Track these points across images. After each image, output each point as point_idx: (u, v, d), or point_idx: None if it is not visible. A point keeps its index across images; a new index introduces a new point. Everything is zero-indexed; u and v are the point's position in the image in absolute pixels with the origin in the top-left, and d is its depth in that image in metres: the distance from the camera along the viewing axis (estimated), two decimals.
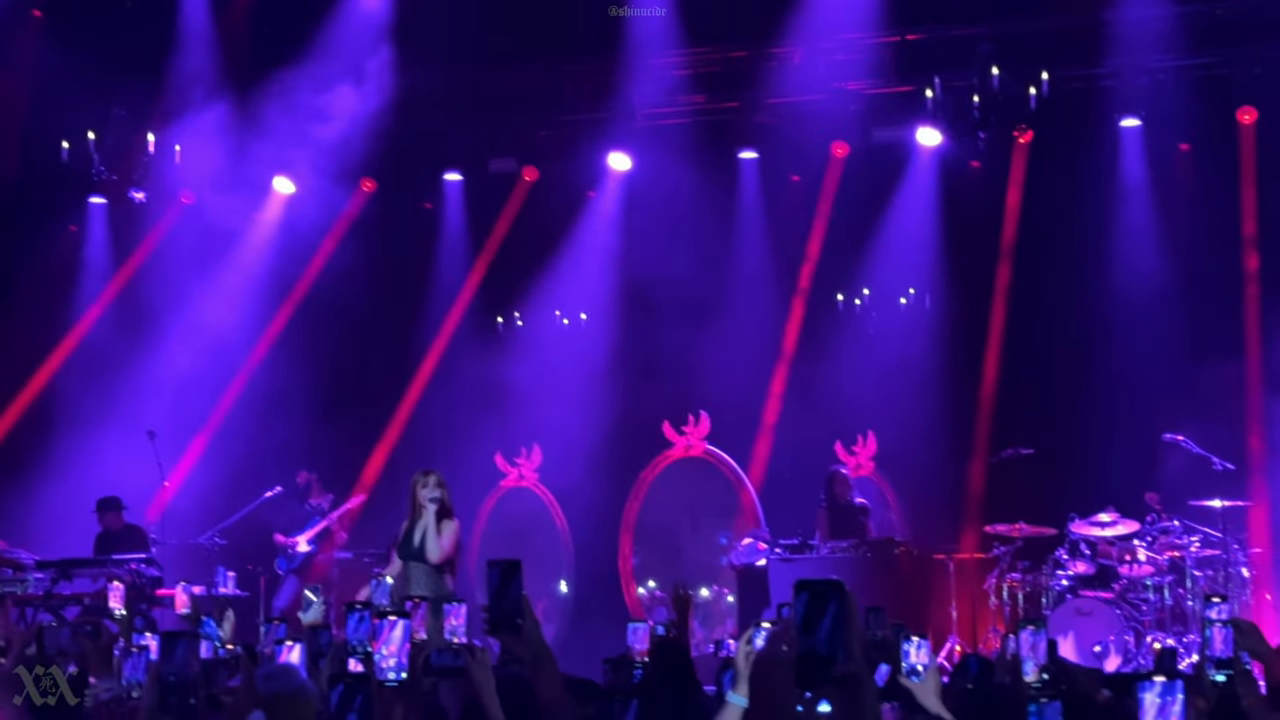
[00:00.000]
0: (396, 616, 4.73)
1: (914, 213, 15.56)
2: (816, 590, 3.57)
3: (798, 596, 3.57)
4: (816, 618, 3.55)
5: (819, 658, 3.53)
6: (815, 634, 3.54)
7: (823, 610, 3.54)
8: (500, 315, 16.69)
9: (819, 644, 3.54)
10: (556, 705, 4.99)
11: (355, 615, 5.04)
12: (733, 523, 15.64)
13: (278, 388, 15.61)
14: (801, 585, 3.59)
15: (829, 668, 3.54)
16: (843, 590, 3.57)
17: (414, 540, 10.26)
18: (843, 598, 3.55)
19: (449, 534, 10.21)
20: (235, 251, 16.02)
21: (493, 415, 15.93)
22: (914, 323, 15.55)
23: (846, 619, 3.55)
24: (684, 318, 15.56)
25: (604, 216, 16.17)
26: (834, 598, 3.55)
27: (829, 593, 3.56)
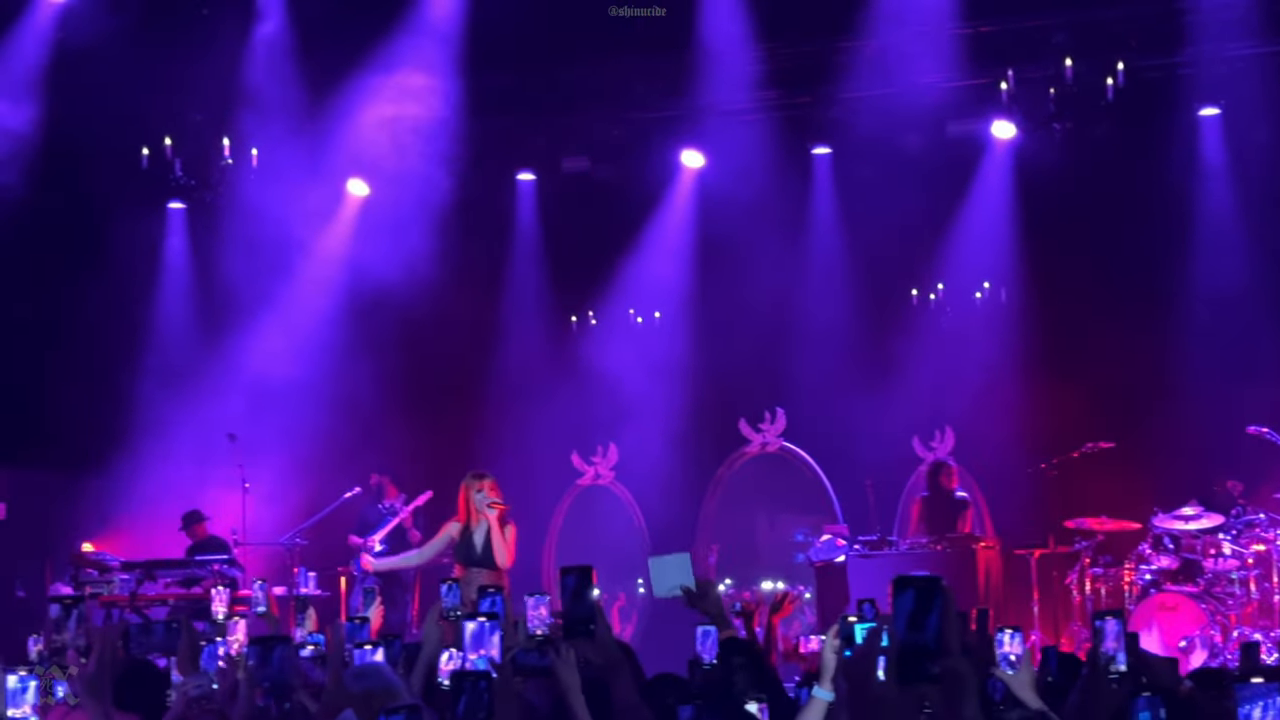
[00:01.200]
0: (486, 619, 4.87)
1: (989, 207, 15.51)
2: (921, 586, 3.64)
3: (901, 593, 3.63)
4: (923, 613, 3.60)
5: (924, 653, 3.58)
6: (922, 630, 3.59)
7: (929, 606, 3.60)
8: (574, 314, 16.78)
9: (925, 639, 3.59)
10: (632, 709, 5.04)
11: None
12: (810, 519, 15.72)
13: (354, 388, 15.70)
14: (905, 581, 3.66)
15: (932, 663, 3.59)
16: (944, 587, 3.64)
17: (475, 546, 10.27)
18: (945, 594, 3.63)
19: (512, 539, 10.29)
20: (310, 254, 16.15)
21: (568, 414, 16.03)
22: (990, 317, 15.50)
23: (948, 614, 3.62)
24: (758, 315, 15.61)
25: (677, 213, 16.22)
26: (939, 594, 3.62)
27: (933, 589, 3.63)
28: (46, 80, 14.31)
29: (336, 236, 16.21)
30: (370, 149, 15.22)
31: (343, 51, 14.78)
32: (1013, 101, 14.56)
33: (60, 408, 14.97)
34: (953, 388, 14.86)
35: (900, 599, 3.64)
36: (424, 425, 15.99)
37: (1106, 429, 13.92)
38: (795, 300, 15.83)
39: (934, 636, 3.60)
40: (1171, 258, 14.68)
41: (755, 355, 15.62)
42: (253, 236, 15.42)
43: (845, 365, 15.58)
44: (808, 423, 15.89)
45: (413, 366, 16.07)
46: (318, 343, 16.03)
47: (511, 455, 15.63)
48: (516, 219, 16.64)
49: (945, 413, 15.12)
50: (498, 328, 16.61)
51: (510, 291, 16.66)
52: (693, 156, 15.91)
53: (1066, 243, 15.09)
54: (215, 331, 16.00)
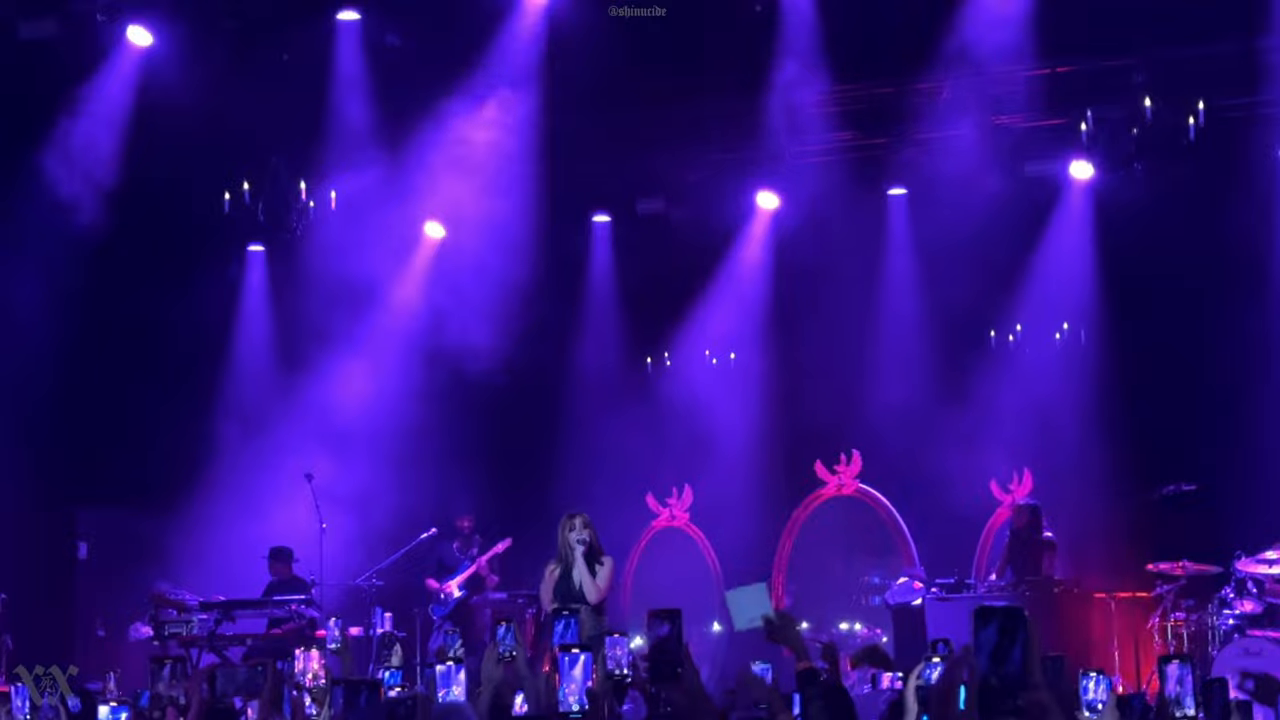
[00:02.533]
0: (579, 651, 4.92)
1: (1067, 247, 15.53)
2: (1005, 617, 3.64)
3: (984, 625, 3.64)
4: (1008, 646, 3.60)
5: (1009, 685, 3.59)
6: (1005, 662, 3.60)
7: (1014, 639, 3.60)
8: (649, 356, 16.97)
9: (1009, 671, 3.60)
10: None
11: None
12: (886, 562, 15.69)
13: (430, 430, 15.83)
14: (987, 613, 3.67)
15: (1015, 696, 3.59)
16: (1027, 619, 3.65)
17: (574, 583, 10.48)
18: (1029, 625, 3.63)
19: (604, 574, 10.47)
20: (388, 296, 16.33)
21: (643, 456, 16.14)
22: (1069, 358, 15.51)
23: (1032, 646, 3.61)
24: (834, 356, 15.69)
25: (752, 255, 16.38)
26: (1023, 626, 3.62)
27: (1017, 620, 3.63)
28: (131, 123, 14.58)
29: (413, 279, 16.43)
30: (447, 191, 15.42)
31: (421, 94, 14.99)
32: (1091, 141, 14.55)
33: (142, 448, 15.22)
34: (1031, 429, 14.84)
35: (984, 632, 3.65)
36: (499, 468, 16.16)
37: (1188, 471, 13.86)
38: (871, 341, 15.95)
39: (1017, 668, 3.59)
40: (1251, 298, 14.63)
41: (831, 396, 15.67)
42: (331, 279, 15.64)
43: (922, 407, 15.59)
44: (884, 465, 15.92)
45: (489, 409, 16.23)
46: (394, 384, 16.20)
47: (587, 497, 15.39)
48: (592, 261, 16.91)
49: (1023, 455, 15.06)
50: (573, 370, 16.82)
51: (586, 333, 16.91)
52: (768, 198, 16.10)
53: (1146, 283, 15.06)
54: (294, 373, 16.23)
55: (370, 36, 14.80)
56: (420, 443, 15.82)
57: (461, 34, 14.68)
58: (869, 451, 16.03)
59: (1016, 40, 14.33)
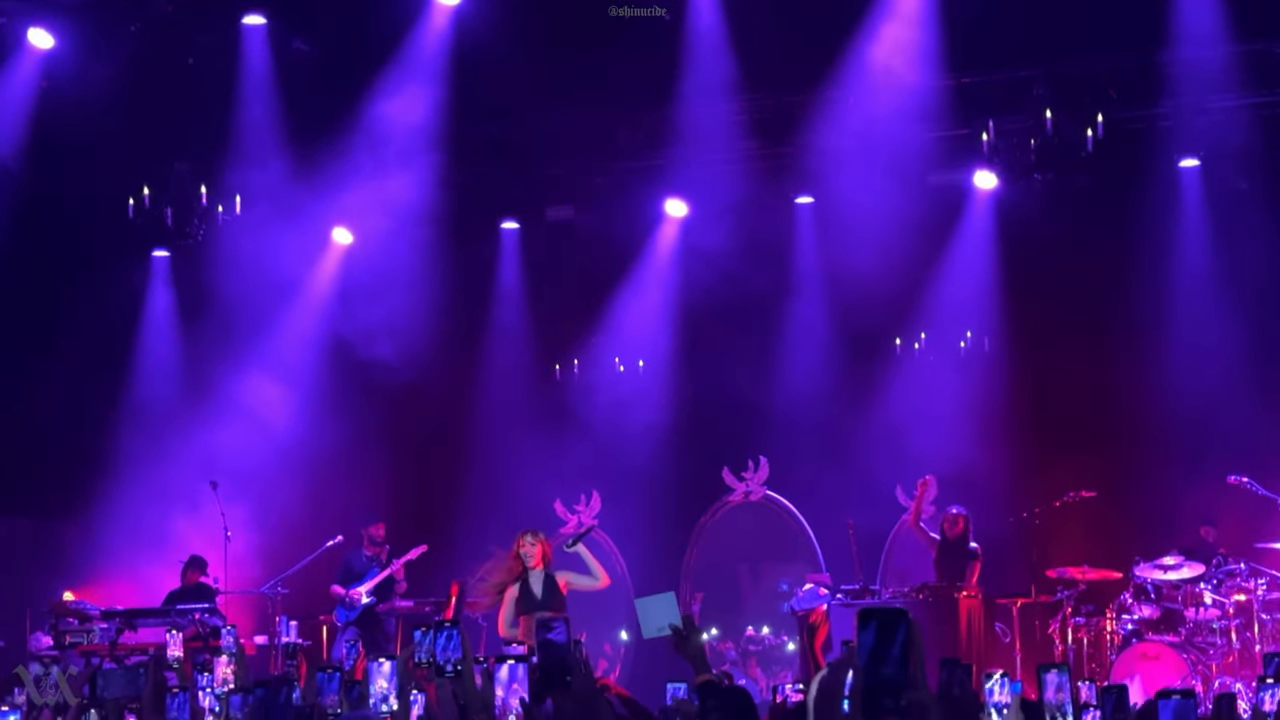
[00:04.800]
0: None
1: (971, 256, 15.73)
2: (885, 619, 3.63)
3: (865, 626, 3.64)
4: (885, 646, 3.60)
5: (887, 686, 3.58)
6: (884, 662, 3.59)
7: (891, 638, 3.59)
8: (558, 363, 16.96)
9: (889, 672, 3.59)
10: None
11: None
12: (794, 568, 15.81)
13: (338, 436, 15.83)
14: (868, 614, 3.66)
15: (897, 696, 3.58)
16: (909, 618, 3.63)
17: (535, 594, 11.28)
18: (909, 625, 3.61)
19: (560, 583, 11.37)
20: (294, 303, 16.27)
21: (551, 463, 16.13)
22: (973, 366, 15.70)
23: (913, 647, 3.61)
24: (742, 363, 15.73)
25: (660, 262, 16.43)
26: (902, 626, 3.61)
27: (897, 621, 3.61)
28: (32, 127, 14.47)
29: (321, 285, 16.39)
30: (356, 197, 15.41)
31: (328, 99, 14.96)
32: (994, 152, 14.78)
33: (42, 456, 15.10)
34: (935, 436, 14.91)
35: (864, 633, 3.64)
36: (407, 474, 16.14)
37: (1088, 478, 14.08)
38: (779, 348, 16.05)
39: (897, 669, 3.58)
40: (1151, 307, 14.89)
41: (739, 403, 15.77)
42: (237, 285, 15.58)
43: (829, 414, 15.73)
44: (791, 471, 16.02)
45: (396, 415, 16.23)
46: (301, 391, 16.19)
47: (495, 504, 15.75)
48: (501, 267, 16.82)
49: (928, 461, 15.02)
50: (482, 376, 16.75)
51: (494, 339, 16.81)
52: (676, 205, 16.17)
53: (1048, 292, 15.25)
54: (199, 379, 16.14)
55: (277, 41, 14.79)
56: (327, 450, 15.80)
57: (370, 39, 14.69)
58: (777, 458, 16.14)
59: (921, 51, 14.53)
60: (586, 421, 16.21)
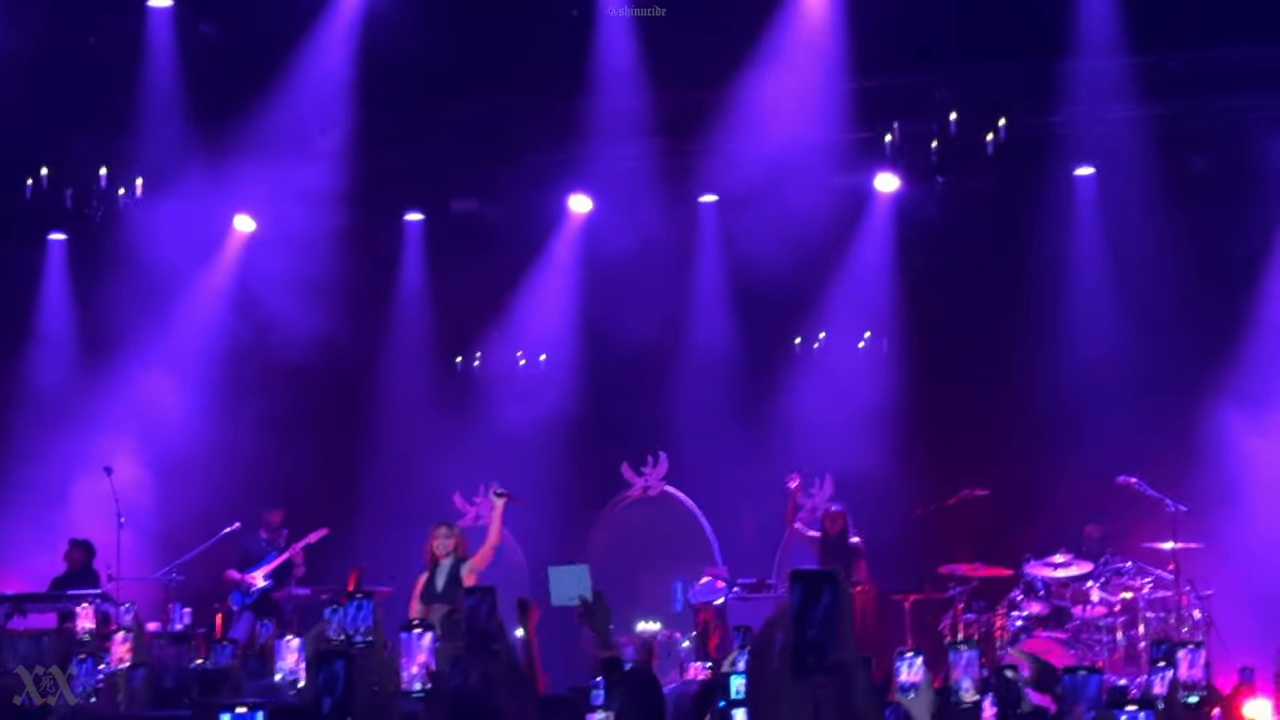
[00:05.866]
0: None
1: (872, 257, 15.95)
2: (811, 580, 3.79)
3: (792, 587, 3.80)
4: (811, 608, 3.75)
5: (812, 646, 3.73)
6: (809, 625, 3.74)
7: (817, 599, 3.75)
8: (460, 355, 16.96)
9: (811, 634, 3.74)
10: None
11: None
12: (691, 564, 15.79)
13: (236, 424, 15.77)
14: (796, 575, 3.82)
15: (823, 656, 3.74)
16: (836, 580, 3.79)
17: (437, 585, 11.56)
18: (836, 588, 3.77)
19: (467, 574, 11.59)
20: (195, 289, 16.20)
21: (452, 455, 16.11)
22: (872, 365, 15.90)
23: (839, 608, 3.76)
24: (643, 359, 15.85)
25: (564, 257, 16.49)
26: (828, 587, 3.77)
27: (823, 582, 3.78)
28: None
29: (221, 272, 16.33)
30: (258, 183, 15.30)
31: (233, 84, 14.90)
32: (896, 154, 15.04)
33: None
34: (833, 434, 15.09)
35: (792, 593, 3.78)
36: (306, 464, 15.96)
37: (980, 477, 14.38)
38: (680, 346, 16.19)
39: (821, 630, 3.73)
40: (1045, 310, 15.15)
41: (639, 399, 15.91)
42: (135, 270, 15.50)
43: (729, 410, 15.88)
44: (690, 467, 16.19)
45: (296, 404, 16.07)
46: (200, 377, 16.12)
47: (395, 494, 15.82)
48: (404, 258, 16.83)
49: (825, 459, 15.35)
50: (383, 367, 16.77)
51: (397, 331, 16.83)
52: (581, 201, 16.27)
53: (946, 294, 15.53)
54: (96, 363, 16.03)
55: (183, 24, 14.78)
56: (226, 437, 15.74)
57: (276, 25, 14.66)
58: (676, 454, 16.28)
59: (827, 54, 14.72)
60: (487, 414, 16.23)
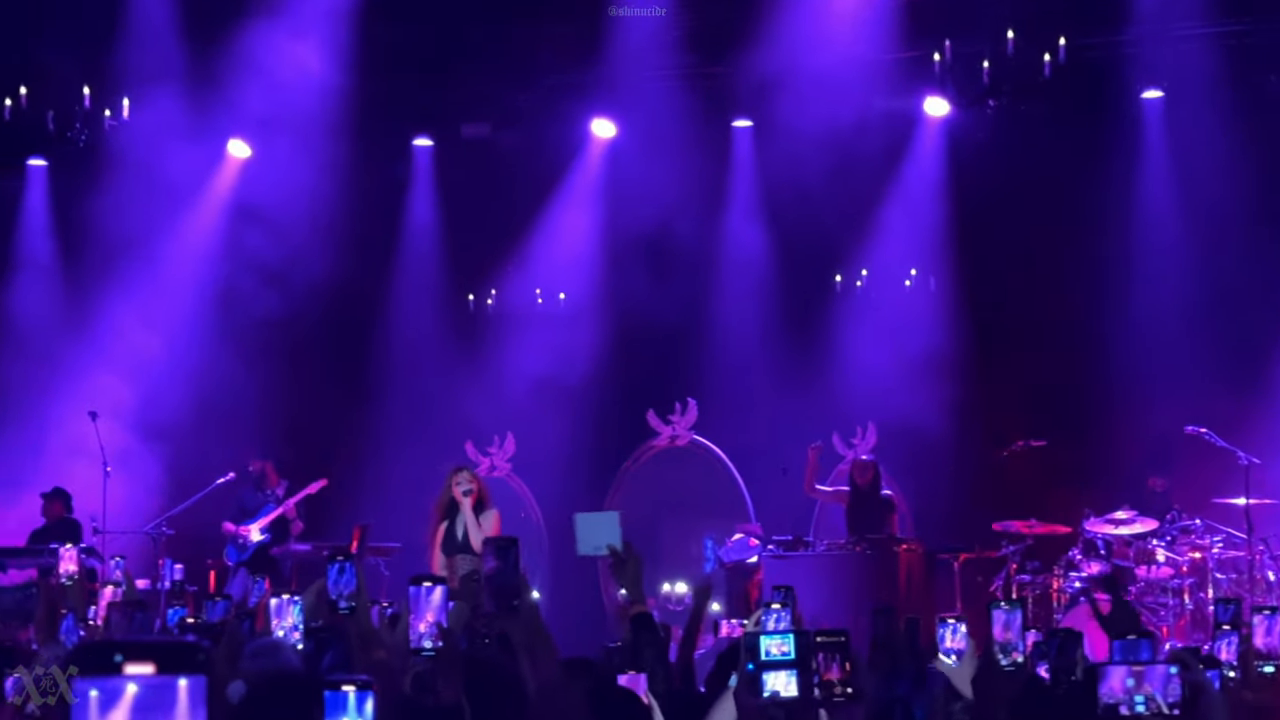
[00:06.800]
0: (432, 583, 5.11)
1: (919, 188, 15.56)
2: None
3: None
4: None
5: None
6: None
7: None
8: (472, 293, 16.70)
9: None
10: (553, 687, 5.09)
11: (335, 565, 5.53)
12: (721, 520, 15.61)
13: (232, 367, 15.46)
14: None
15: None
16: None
17: (457, 535, 11.29)
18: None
19: (489, 523, 11.24)
20: (186, 220, 15.89)
21: (463, 400, 15.95)
22: (918, 306, 15.55)
23: None
24: (670, 298, 15.58)
25: (586, 187, 16.18)
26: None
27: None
28: None
29: (215, 202, 15.99)
30: (254, 106, 14.94)
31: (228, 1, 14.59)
32: (947, 76, 14.54)
33: None
34: (877, 381, 14.82)
35: None
36: (308, 410, 15.82)
37: (1038, 426, 13.97)
38: (711, 283, 15.90)
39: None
40: (1108, 247, 14.74)
41: (667, 342, 15.69)
42: (121, 198, 15.13)
43: (763, 354, 15.65)
44: (722, 415, 15.88)
45: (296, 346, 15.87)
46: (192, 316, 15.84)
47: (403, 444, 15.52)
48: (412, 188, 16.54)
49: (868, 407, 15.10)
50: (389, 306, 16.50)
51: (403, 267, 16.55)
52: (604, 126, 15.88)
53: (1000, 228, 15.11)
54: (78, 300, 15.74)
55: None
56: (221, 380, 15.48)
57: None
58: (706, 400, 16.00)
59: None
60: (502, 356, 16.01)
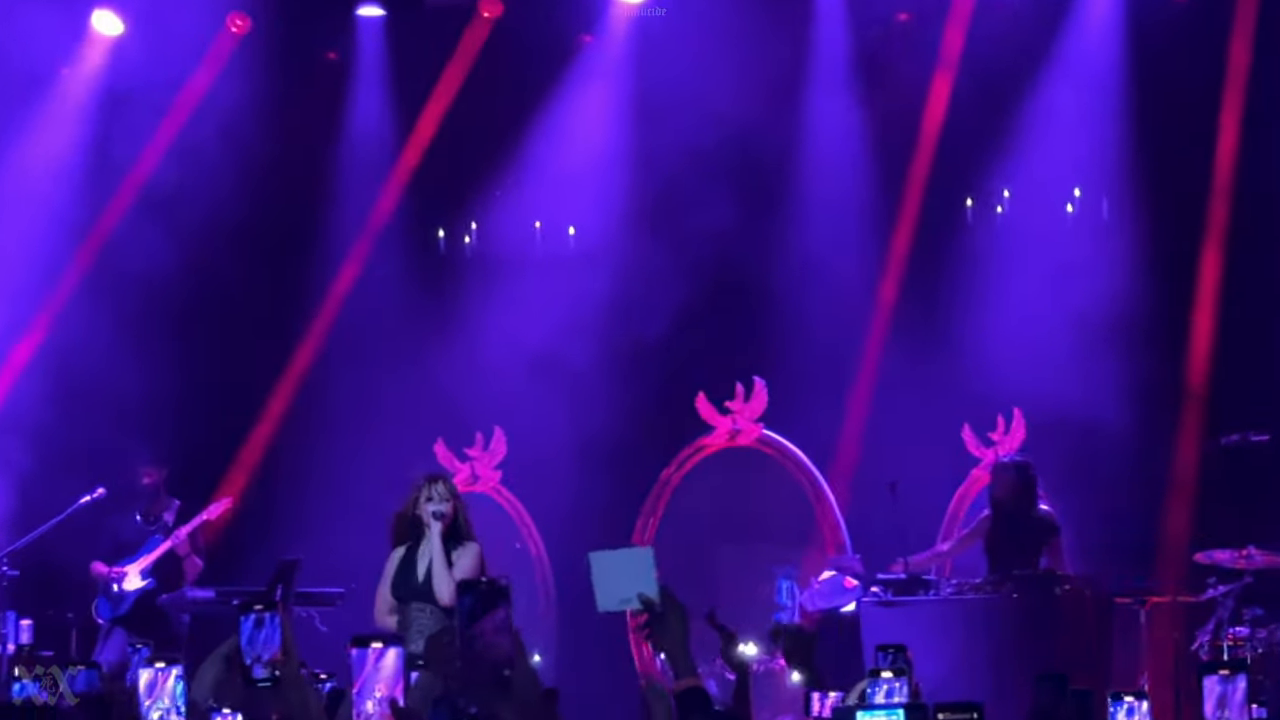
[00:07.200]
0: None
1: (1084, 77, 15.82)
2: None
3: None
4: None
5: None
6: None
7: None
8: (443, 229, 16.93)
9: None
10: None
11: None
12: (799, 549, 15.88)
13: (104, 332, 15.61)
14: None
15: None
16: None
17: (417, 572, 11.30)
18: None
19: (467, 563, 11.27)
20: (32, 126, 16.16)
21: (429, 382, 16.16)
22: (1084, 241, 15.68)
23: None
24: (730, 234, 15.80)
25: (605, 77, 16.47)
26: None
27: None
28: None
29: (73, 100, 16.26)
30: None
31: None
32: None
33: None
34: (1025, 347, 14.98)
35: None
36: (209, 398, 16.12)
37: (1259, 415, 14.09)
38: (787, 213, 16.04)
39: None
40: None
41: (721, 296, 15.97)
42: None
43: (858, 314, 15.93)
44: (801, 401, 15.98)
45: (193, 300, 16.14)
46: (46, 264, 16.08)
47: (346, 447, 15.85)
48: (355, 78, 16.78)
49: (1012, 389, 15.24)
50: (326, 249, 16.76)
51: (345, 193, 16.79)
52: None
53: (1197, 133, 15.38)
54: None
55: None
56: (86, 350, 15.57)
57: None
58: (778, 380, 16.14)
59: None
60: (486, 320, 16.20)
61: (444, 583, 11.10)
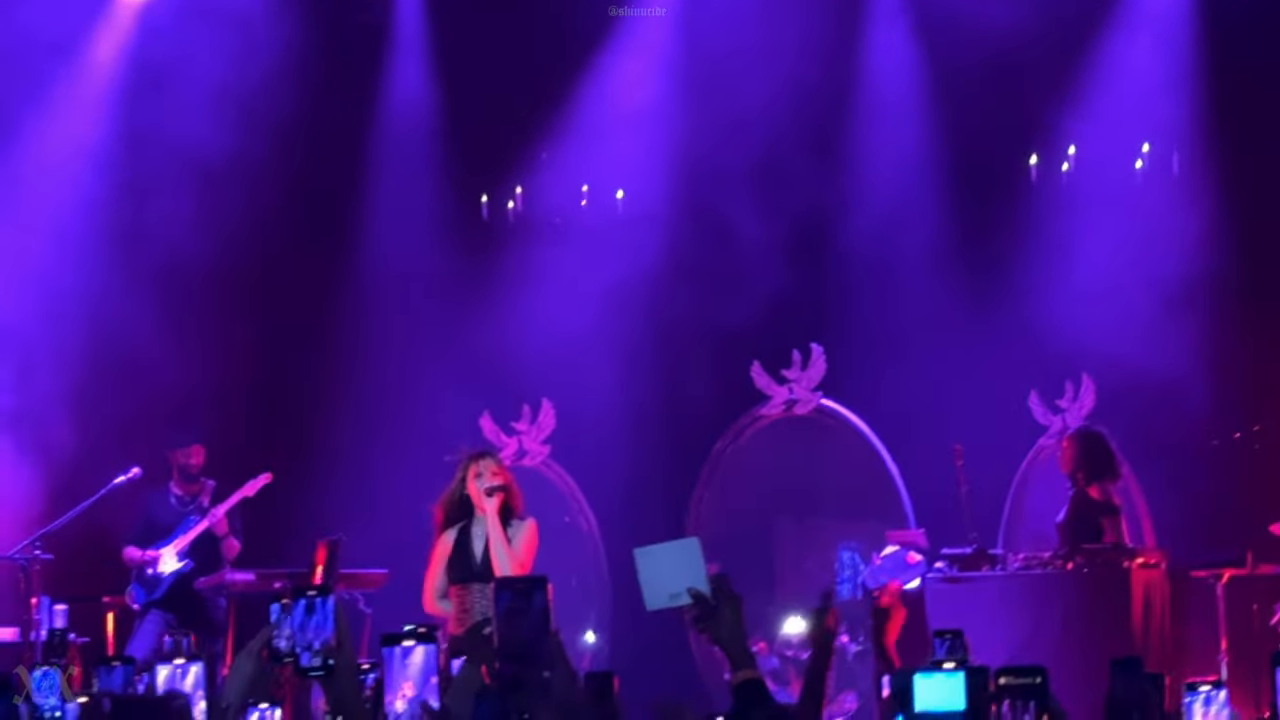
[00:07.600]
0: None
1: (1153, 27, 15.76)
2: None
3: None
4: None
5: None
6: None
7: None
8: (486, 193, 16.87)
9: None
10: None
11: None
12: (862, 523, 15.77)
13: (139, 307, 15.60)
14: None
15: None
16: None
17: (474, 552, 11.41)
18: None
19: (524, 539, 11.44)
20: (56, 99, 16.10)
21: (474, 353, 16.21)
22: (1155, 199, 15.63)
23: None
24: (783, 196, 15.80)
25: (653, 32, 16.46)
26: None
27: None
28: None
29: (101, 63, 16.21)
30: None
31: None
32: None
33: None
34: (1093, 311, 15.04)
35: None
36: (249, 370, 16.14)
37: None
38: (840, 173, 16.12)
39: None
40: None
41: (777, 261, 15.82)
42: None
43: (920, 278, 15.89)
44: (861, 369, 16.04)
45: (230, 276, 16.13)
46: (75, 243, 16.01)
47: (389, 420, 15.98)
48: (394, 43, 16.83)
49: (1081, 354, 15.33)
50: (365, 220, 16.78)
51: (385, 160, 16.81)
52: None
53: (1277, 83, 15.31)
54: None
55: None
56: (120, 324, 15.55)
57: None
58: (836, 348, 16.17)
59: None
60: (532, 287, 16.22)
61: (504, 559, 11.18)
